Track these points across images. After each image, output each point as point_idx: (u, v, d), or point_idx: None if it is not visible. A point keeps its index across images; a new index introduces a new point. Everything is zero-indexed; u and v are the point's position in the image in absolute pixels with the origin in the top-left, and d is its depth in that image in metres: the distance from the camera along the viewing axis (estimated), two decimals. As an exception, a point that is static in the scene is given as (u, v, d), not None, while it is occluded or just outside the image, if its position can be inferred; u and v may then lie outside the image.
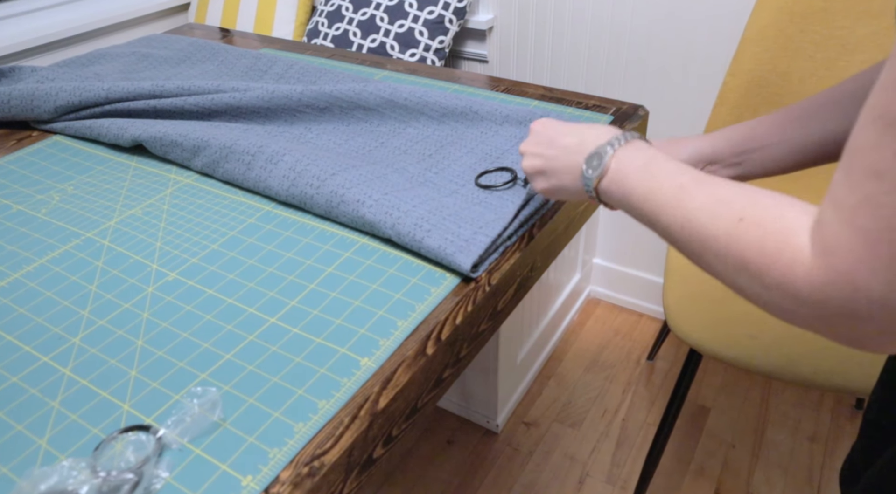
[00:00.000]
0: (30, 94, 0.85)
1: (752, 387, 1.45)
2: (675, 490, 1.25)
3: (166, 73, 0.99)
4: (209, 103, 0.81)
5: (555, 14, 1.40)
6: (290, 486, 0.41)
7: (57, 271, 0.62)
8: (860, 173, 0.29)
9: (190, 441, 0.45)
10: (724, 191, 0.38)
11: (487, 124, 0.77)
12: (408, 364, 0.50)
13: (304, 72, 0.93)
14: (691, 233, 0.38)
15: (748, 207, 0.36)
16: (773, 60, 1.09)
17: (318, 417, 0.46)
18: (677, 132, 1.38)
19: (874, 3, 1.02)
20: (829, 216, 0.31)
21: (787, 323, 0.35)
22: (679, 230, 0.39)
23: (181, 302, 0.57)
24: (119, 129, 0.80)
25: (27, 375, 0.51)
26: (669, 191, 0.40)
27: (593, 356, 1.55)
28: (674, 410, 1.07)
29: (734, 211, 0.36)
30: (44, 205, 0.72)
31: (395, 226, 0.60)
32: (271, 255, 0.62)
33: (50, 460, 0.44)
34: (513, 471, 1.31)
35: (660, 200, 0.41)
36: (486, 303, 0.57)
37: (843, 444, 1.31)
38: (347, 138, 0.78)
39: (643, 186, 0.42)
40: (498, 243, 0.60)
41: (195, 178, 0.76)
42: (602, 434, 1.37)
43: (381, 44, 1.46)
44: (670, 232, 0.40)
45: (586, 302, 1.70)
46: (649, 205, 0.42)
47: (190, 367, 0.50)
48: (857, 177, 0.30)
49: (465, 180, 0.69)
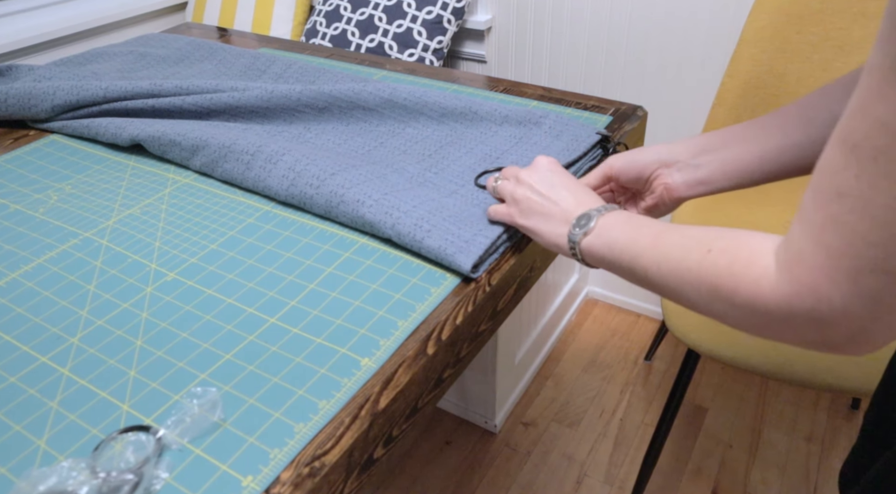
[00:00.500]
0: (27, 93, 0.85)
1: (749, 387, 1.45)
2: (673, 489, 1.26)
3: (164, 72, 0.98)
4: (208, 103, 0.81)
5: (553, 14, 1.40)
6: (290, 486, 0.41)
7: (55, 271, 0.62)
8: (826, 193, 0.32)
9: (190, 442, 0.44)
10: (695, 230, 0.42)
11: (487, 124, 0.77)
12: (408, 364, 0.50)
13: (302, 71, 0.92)
14: (668, 270, 0.42)
15: (716, 240, 0.40)
16: (771, 62, 1.09)
17: (318, 417, 0.46)
18: (676, 133, 1.39)
19: (870, 5, 1.02)
20: (797, 231, 0.34)
21: (764, 338, 0.38)
22: (657, 269, 0.43)
23: (180, 302, 0.57)
24: (117, 129, 0.80)
25: (25, 375, 0.51)
26: (647, 238, 0.45)
27: (591, 356, 1.55)
28: (671, 410, 1.08)
29: (704, 243, 0.40)
30: (41, 205, 0.72)
31: (395, 226, 0.60)
32: (271, 255, 0.62)
33: (49, 460, 0.44)
34: (511, 471, 1.31)
35: (639, 247, 0.45)
36: (486, 303, 0.57)
37: (840, 444, 1.32)
38: (347, 138, 0.78)
39: (624, 237, 0.47)
40: (498, 243, 0.60)
41: (194, 178, 0.75)
42: (600, 434, 1.37)
43: (380, 44, 1.45)
44: (648, 273, 0.44)
45: (584, 303, 1.70)
46: (629, 252, 0.46)
47: (189, 367, 0.50)
48: (823, 197, 0.32)
49: (464, 180, 0.69)
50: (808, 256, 0.32)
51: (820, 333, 0.34)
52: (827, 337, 0.34)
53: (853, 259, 0.31)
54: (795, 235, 0.34)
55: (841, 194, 0.31)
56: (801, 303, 0.33)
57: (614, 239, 0.47)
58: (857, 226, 0.30)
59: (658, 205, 0.59)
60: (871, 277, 0.30)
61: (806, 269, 0.33)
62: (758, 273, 0.36)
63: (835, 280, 0.31)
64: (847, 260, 0.31)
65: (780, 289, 0.34)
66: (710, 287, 0.39)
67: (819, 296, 0.32)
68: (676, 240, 0.42)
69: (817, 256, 0.32)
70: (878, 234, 0.30)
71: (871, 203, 0.30)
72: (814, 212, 0.33)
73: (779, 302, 0.34)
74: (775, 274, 0.35)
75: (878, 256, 0.30)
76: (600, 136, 0.74)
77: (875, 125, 0.29)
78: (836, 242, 0.31)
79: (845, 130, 0.31)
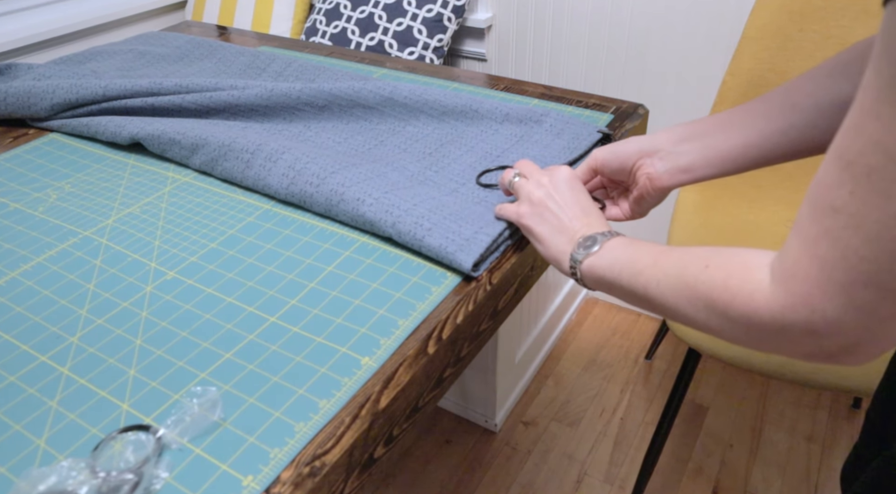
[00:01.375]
0: (26, 92, 0.85)
1: (750, 387, 1.45)
2: (673, 489, 1.25)
3: (164, 70, 0.98)
4: (207, 101, 0.81)
5: (554, 12, 1.40)
6: (291, 486, 0.41)
7: (54, 269, 0.61)
8: (821, 207, 0.33)
9: (190, 441, 0.44)
10: (694, 249, 0.43)
11: (487, 123, 0.77)
12: (409, 363, 0.49)
13: (302, 69, 0.92)
14: (667, 286, 0.43)
15: (713, 257, 0.40)
16: (773, 59, 1.09)
17: (318, 417, 0.45)
18: (676, 131, 1.38)
19: (872, 2, 1.02)
20: (793, 244, 0.34)
21: (761, 351, 0.38)
22: (656, 286, 0.44)
23: (180, 301, 0.57)
24: (117, 127, 0.80)
25: (25, 374, 0.50)
26: (648, 258, 0.46)
27: (591, 355, 1.55)
28: (672, 409, 1.07)
29: (701, 260, 0.41)
30: (41, 203, 0.72)
31: (395, 224, 0.59)
32: (271, 254, 0.62)
33: (48, 460, 0.44)
34: (511, 470, 1.30)
35: (639, 266, 0.46)
36: (486, 302, 0.57)
37: (841, 444, 1.32)
38: (347, 136, 0.78)
39: (625, 257, 0.48)
40: (499, 242, 0.60)
41: (193, 177, 0.75)
42: (600, 433, 1.37)
43: (380, 42, 1.45)
44: (648, 291, 0.45)
45: (584, 302, 1.70)
46: (629, 271, 0.47)
47: (189, 366, 0.50)
48: (818, 211, 0.33)
49: (465, 179, 0.69)
50: (803, 269, 0.33)
51: (815, 345, 0.35)
52: (822, 348, 0.34)
53: (847, 272, 0.31)
54: (791, 248, 0.34)
55: (835, 209, 0.31)
56: (796, 316, 0.34)
57: (615, 257, 0.48)
58: (851, 240, 0.31)
59: (643, 195, 0.59)
60: (865, 291, 0.31)
61: (800, 282, 0.33)
62: (752, 287, 0.36)
63: (828, 293, 0.32)
64: (841, 274, 0.31)
65: (775, 302, 0.35)
66: (707, 301, 0.39)
67: (813, 309, 0.33)
68: (676, 258, 0.43)
69: (811, 269, 0.33)
70: (871, 249, 0.30)
71: (865, 219, 0.30)
72: (809, 225, 0.33)
73: (773, 314, 0.35)
74: (770, 287, 0.35)
75: (872, 270, 0.30)
76: (601, 135, 0.74)
77: (869, 143, 0.30)
78: (830, 256, 0.32)
79: (841, 147, 0.32)
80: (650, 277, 0.44)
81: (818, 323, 0.33)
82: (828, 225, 0.32)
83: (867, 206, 0.30)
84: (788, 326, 0.35)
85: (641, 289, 0.45)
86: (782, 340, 0.36)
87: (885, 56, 0.29)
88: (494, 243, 0.59)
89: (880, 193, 0.29)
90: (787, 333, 0.35)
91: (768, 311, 0.35)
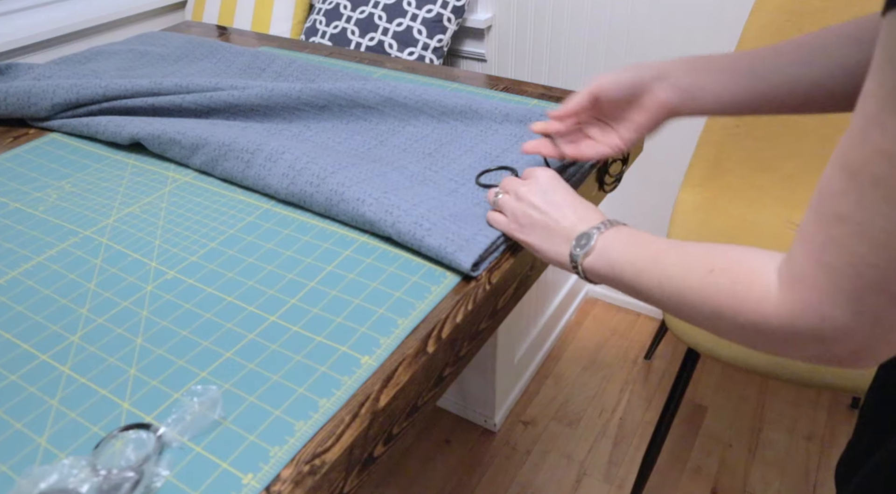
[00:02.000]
0: (26, 92, 0.85)
1: (748, 386, 1.45)
2: (672, 488, 1.26)
3: (164, 70, 0.98)
4: (207, 101, 0.81)
5: (553, 12, 1.40)
6: (291, 484, 0.41)
7: (55, 269, 0.62)
8: (827, 215, 0.33)
9: (190, 440, 0.44)
10: (695, 248, 0.42)
11: (487, 123, 0.77)
12: (408, 362, 0.50)
13: (302, 69, 0.92)
14: (670, 289, 0.43)
15: (717, 259, 0.40)
16: (771, 60, 1.09)
17: (318, 415, 0.46)
18: (676, 131, 1.39)
19: (871, 3, 1.02)
20: (799, 250, 0.35)
21: (767, 353, 0.39)
22: (658, 288, 0.44)
23: (180, 301, 0.57)
24: (117, 127, 0.80)
25: (26, 373, 0.50)
26: (648, 257, 0.45)
27: (591, 355, 1.56)
28: (671, 409, 1.08)
29: (705, 263, 0.40)
30: (41, 203, 0.72)
31: (395, 224, 0.60)
32: (271, 253, 0.62)
33: (50, 458, 0.44)
34: (510, 470, 1.31)
35: (640, 266, 0.45)
36: (486, 302, 0.57)
37: (840, 443, 1.32)
38: (347, 136, 0.78)
39: (624, 257, 0.47)
40: (498, 242, 0.60)
41: (194, 176, 0.75)
42: (599, 433, 1.37)
43: (380, 42, 1.45)
44: (651, 292, 0.45)
45: (584, 302, 1.70)
46: (630, 271, 0.46)
47: (190, 365, 0.50)
48: (824, 219, 0.33)
49: (465, 179, 0.69)
50: (810, 276, 0.33)
51: (823, 350, 0.35)
52: (830, 353, 0.35)
53: (854, 279, 0.32)
54: (797, 255, 0.35)
55: (842, 218, 0.32)
56: (804, 322, 0.34)
57: (615, 259, 0.48)
58: (858, 248, 0.31)
59: (647, 123, 0.58)
60: (872, 297, 0.31)
61: (807, 289, 0.34)
62: (760, 293, 0.37)
63: (836, 300, 0.33)
64: (848, 281, 0.32)
65: (783, 309, 0.35)
66: (713, 306, 0.39)
67: (822, 315, 0.33)
68: (677, 259, 0.43)
69: (818, 276, 0.33)
70: (877, 256, 0.31)
71: (872, 226, 0.31)
72: (815, 232, 0.34)
73: (782, 321, 0.35)
74: (777, 294, 0.36)
75: (878, 277, 0.31)
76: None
77: (874, 153, 0.30)
78: (837, 263, 0.32)
79: (845, 156, 0.32)
80: (652, 279, 0.44)
81: (826, 329, 0.34)
82: (834, 233, 0.32)
83: (874, 215, 0.30)
84: (797, 333, 0.35)
85: (644, 290, 0.46)
86: (790, 345, 0.36)
87: (886, 66, 0.29)
88: (494, 243, 0.59)
89: (887, 201, 0.30)
90: (796, 339, 0.36)
91: (777, 319, 0.36)
